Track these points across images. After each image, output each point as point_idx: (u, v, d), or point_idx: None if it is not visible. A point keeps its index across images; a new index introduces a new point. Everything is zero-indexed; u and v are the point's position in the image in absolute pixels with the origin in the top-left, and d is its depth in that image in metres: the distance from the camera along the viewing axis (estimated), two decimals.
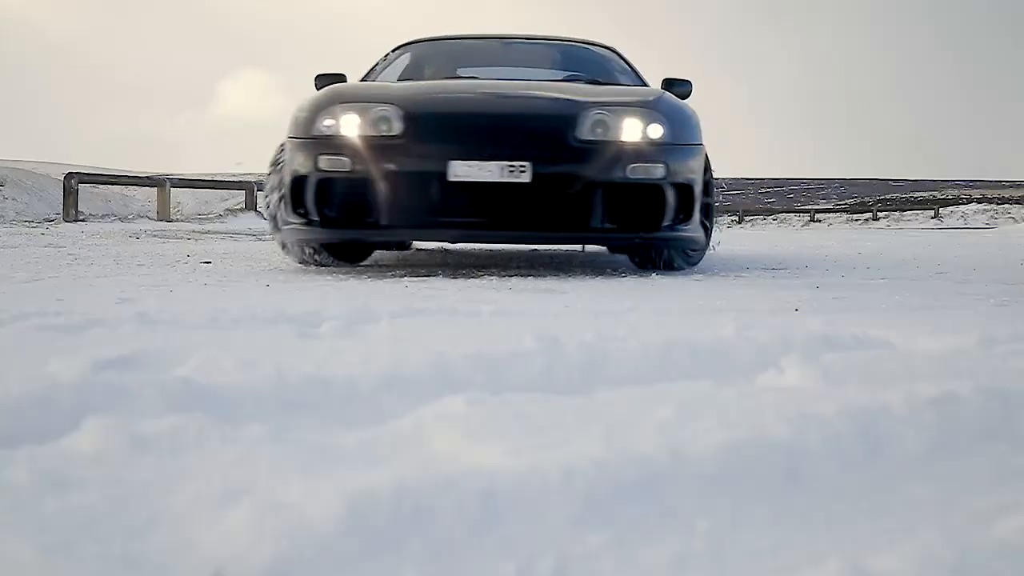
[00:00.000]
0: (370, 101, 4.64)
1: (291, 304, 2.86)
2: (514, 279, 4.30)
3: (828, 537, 1.00)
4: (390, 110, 4.55)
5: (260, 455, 1.11)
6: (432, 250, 6.90)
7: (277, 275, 4.45)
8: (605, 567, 0.90)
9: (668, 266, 4.98)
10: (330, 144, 4.54)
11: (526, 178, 4.37)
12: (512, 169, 4.38)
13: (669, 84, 5.89)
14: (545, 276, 4.52)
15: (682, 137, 4.74)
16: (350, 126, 4.54)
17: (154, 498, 0.96)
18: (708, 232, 5.12)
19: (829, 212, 45.45)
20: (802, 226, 34.14)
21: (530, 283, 4.06)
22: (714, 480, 1.08)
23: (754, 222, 39.33)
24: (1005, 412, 1.39)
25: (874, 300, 3.51)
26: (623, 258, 6.10)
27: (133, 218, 15.14)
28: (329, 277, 4.32)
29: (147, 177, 17.86)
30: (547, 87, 5.22)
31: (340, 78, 5.65)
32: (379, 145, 4.47)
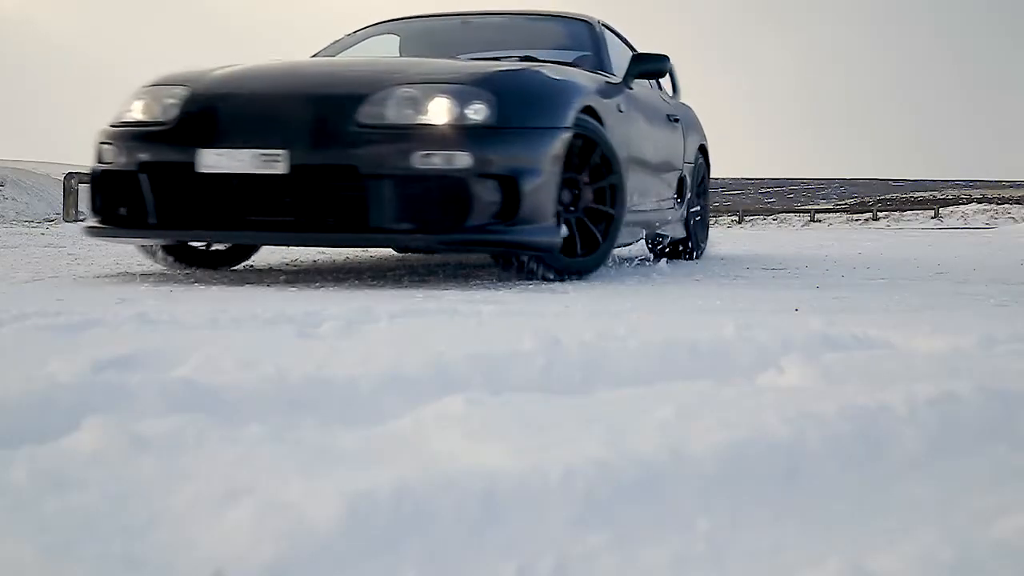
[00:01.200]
0: (173, 84, 4.12)
1: (291, 304, 2.86)
2: (515, 278, 4.30)
3: (828, 537, 1.00)
4: (180, 94, 4.02)
5: (260, 455, 1.11)
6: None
7: (278, 275, 4.45)
8: (605, 567, 0.90)
9: (530, 272, 4.13)
10: (112, 134, 4.08)
11: (282, 169, 3.72)
12: (266, 158, 3.73)
13: (639, 59, 5.29)
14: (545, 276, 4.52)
15: (520, 120, 3.91)
16: (136, 112, 4.06)
17: (154, 498, 0.96)
18: (599, 245, 4.26)
19: (829, 212, 45.47)
20: (802, 226, 34.16)
21: (531, 283, 4.06)
22: (714, 480, 1.08)
23: (754, 222, 39.33)
24: (1005, 412, 1.39)
25: (874, 300, 3.51)
26: (621, 257, 6.10)
27: None
28: (329, 277, 4.32)
29: None
30: (372, 63, 4.50)
31: None
32: (147, 133, 3.99)
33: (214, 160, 3.80)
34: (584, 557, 0.91)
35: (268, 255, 6.14)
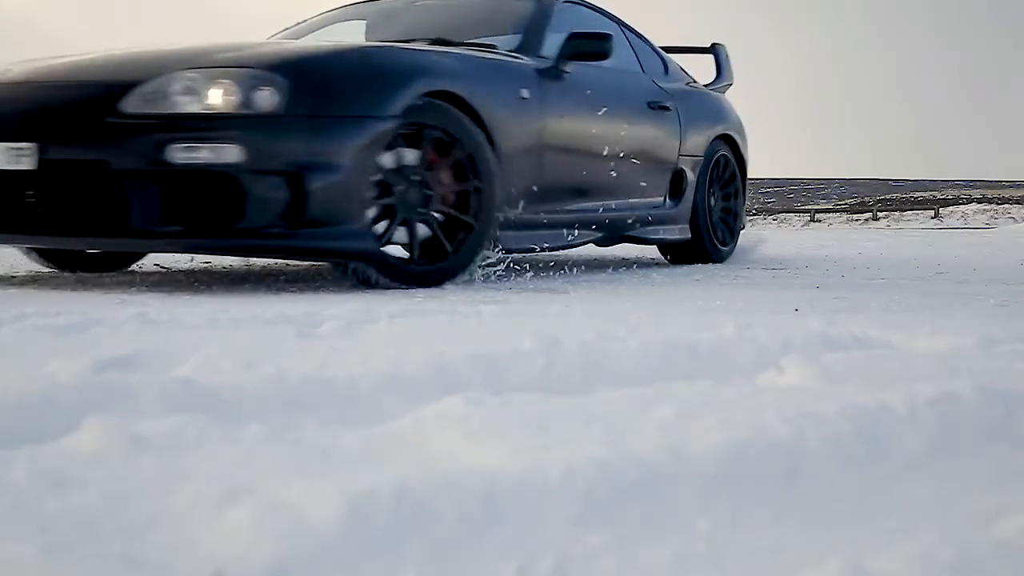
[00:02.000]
0: None
1: (291, 304, 2.86)
2: (513, 278, 4.30)
3: (828, 537, 1.00)
4: None
5: (260, 455, 1.11)
6: None
7: (278, 275, 4.45)
8: (605, 567, 0.90)
9: (366, 281, 3.68)
10: None
11: (29, 164, 3.36)
12: (14, 152, 3.39)
13: (574, 39, 4.61)
14: (545, 275, 4.52)
15: (320, 108, 3.43)
16: None
17: (154, 498, 0.96)
18: (450, 254, 3.76)
19: (829, 212, 45.45)
20: (802, 226, 34.16)
21: (530, 283, 4.06)
22: (714, 480, 1.08)
23: (754, 222, 39.33)
24: (1005, 412, 1.39)
25: (874, 300, 3.51)
26: (621, 257, 6.10)
27: None
28: (329, 277, 4.32)
29: None
30: (172, 49, 3.90)
31: None
32: None
33: None
34: (584, 557, 0.91)
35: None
